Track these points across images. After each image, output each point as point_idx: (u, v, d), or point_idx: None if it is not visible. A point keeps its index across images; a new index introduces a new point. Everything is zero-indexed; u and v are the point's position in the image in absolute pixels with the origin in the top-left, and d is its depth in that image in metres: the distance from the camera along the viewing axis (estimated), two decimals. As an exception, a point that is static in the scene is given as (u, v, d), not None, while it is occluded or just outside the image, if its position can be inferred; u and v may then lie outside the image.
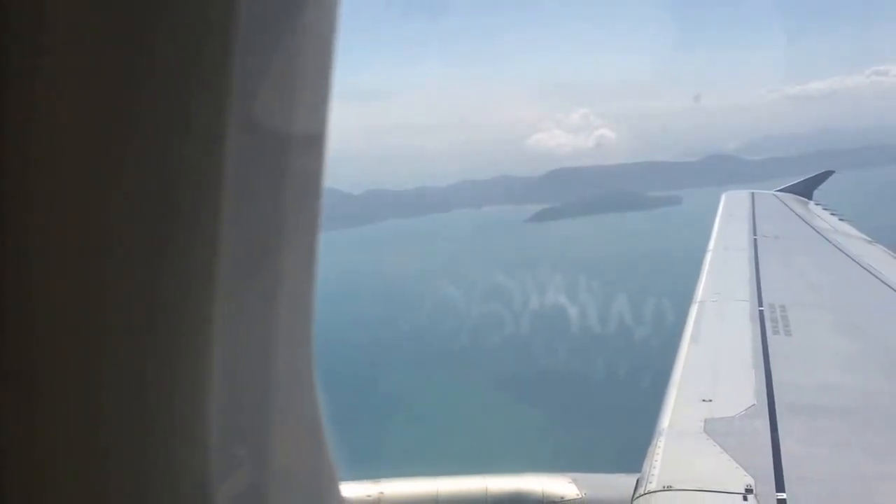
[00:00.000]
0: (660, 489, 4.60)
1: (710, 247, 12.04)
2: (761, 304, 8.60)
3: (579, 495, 6.02)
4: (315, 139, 1.00)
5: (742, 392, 6.09)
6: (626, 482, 5.28)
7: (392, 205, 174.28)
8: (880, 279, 9.94)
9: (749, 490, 4.50)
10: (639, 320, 51.44)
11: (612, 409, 39.91)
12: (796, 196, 17.53)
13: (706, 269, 10.71)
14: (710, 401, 5.92)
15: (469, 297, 67.18)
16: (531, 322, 61.59)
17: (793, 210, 15.90)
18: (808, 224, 14.43)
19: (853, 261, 11.11)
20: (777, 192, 18.14)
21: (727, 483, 4.62)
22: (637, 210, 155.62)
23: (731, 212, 15.14)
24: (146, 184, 0.79)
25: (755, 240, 12.27)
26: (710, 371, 6.77)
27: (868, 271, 10.40)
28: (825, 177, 18.96)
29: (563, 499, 6.01)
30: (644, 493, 4.63)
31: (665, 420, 5.67)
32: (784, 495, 4.49)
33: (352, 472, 6.17)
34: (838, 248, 12.16)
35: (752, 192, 17.47)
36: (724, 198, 16.80)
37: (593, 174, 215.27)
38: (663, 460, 4.96)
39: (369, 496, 5.76)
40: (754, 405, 5.83)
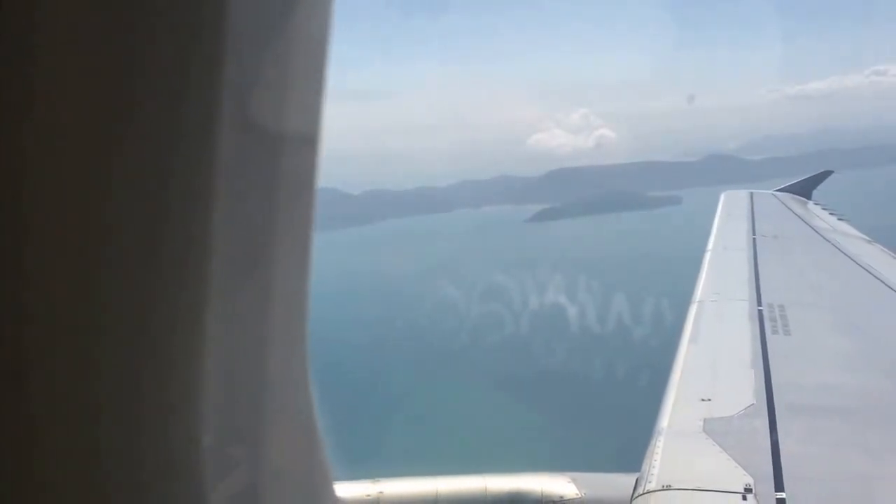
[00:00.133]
0: (659, 489, 4.60)
1: (710, 246, 12.03)
2: (760, 303, 8.60)
3: (578, 495, 6.02)
4: (309, 138, 1.00)
5: (741, 392, 6.09)
6: (625, 482, 5.27)
7: (392, 205, 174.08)
8: (879, 279, 9.94)
9: (748, 489, 4.50)
10: (639, 320, 51.41)
11: (611, 409, 39.91)
12: (795, 196, 17.52)
13: (705, 268, 10.71)
14: (710, 400, 5.92)
15: (470, 298, 67.08)
16: (532, 322, 61.52)
17: (792, 210, 15.88)
18: (807, 224, 14.41)
19: (852, 260, 11.10)
20: (776, 192, 18.11)
21: (726, 482, 4.62)
22: (637, 210, 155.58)
23: (730, 211, 15.13)
24: (138, 183, 0.79)
25: (754, 239, 12.26)
26: (709, 371, 6.77)
27: (867, 271, 10.40)
28: (824, 177, 18.94)
29: (562, 498, 6.01)
30: (643, 493, 4.63)
31: (664, 420, 5.66)
32: (783, 495, 4.49)
33: (351, 472, 6.17)
34: (837, 247, 12.16)
35: (751, 192, 17.44)
36: (723, 197, 16.77)
37: (593, 174, 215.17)
38: (662, 460, 4.95)
39: (368, 496, 5.76)
40: (753, 405, 5.83)
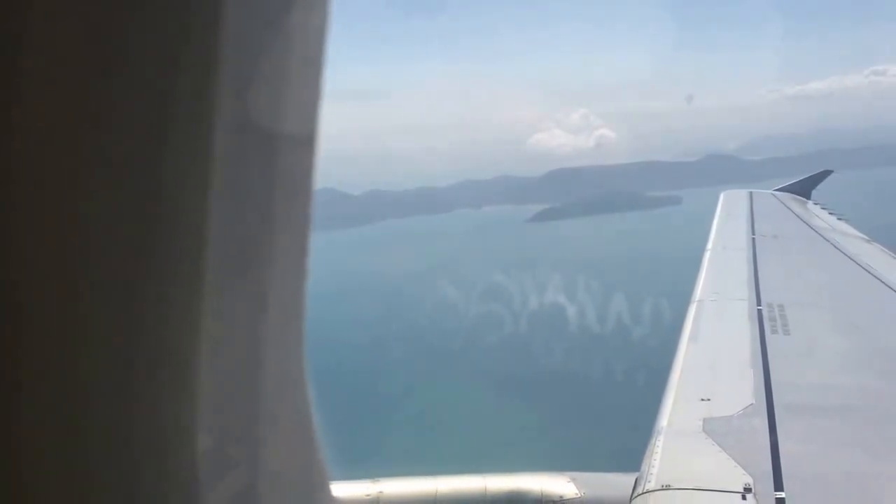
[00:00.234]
0: (658, 488, 4.59)
1: (709, 246, 12.03)
2: (760, 303, 8.59)
3: (578, 494, 6.02)
4: (306, 137, 0.99)
5: (741, 391, 6.08)
6: (624, 481, 5.27)
7: (392, 205, 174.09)
8: (879, 278, 9.93)
9: (748, 489, 4.49)
10: (639, 320, 51.43)
11: (611, 408, 39.94)
12: (795, 195, 17.50)
13: (705, 268, 10.69)
14: (709, 400, 5.91)
15: (472, 298, 67.12)
16: (534, 322, 61.60)
17: (791, 209, 15.85)
18: (807, 223, 14.39)
19: (851, 260, 11.09)
20: (775, 192, 18.08)
21: (726, 482, 4.61)
22: (637, 210, 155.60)
23: (729, 211, 15.11)
24: (129, 182, 0.79)
25: (754, 239, 12.24)
26: (708, 370, 6.76)
27: (866, 270, 10.38)
28: (823, 176, 18.91)
29: (561, 498, 6.01)
30: (643, 493, 4.62)
31: (664, 419, 5.66)
32: (783, 494, 4.48)
33: (351, 472, 6.17)
34: (836, 247, 12.14)
35: (751, 192, 17.41)
36: (722, 197, 16.75)
37: (593, 174, 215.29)
38: (662, 459, 4.95)
39: (368, 495, 5.75)
40: (753, 404, 5.82)
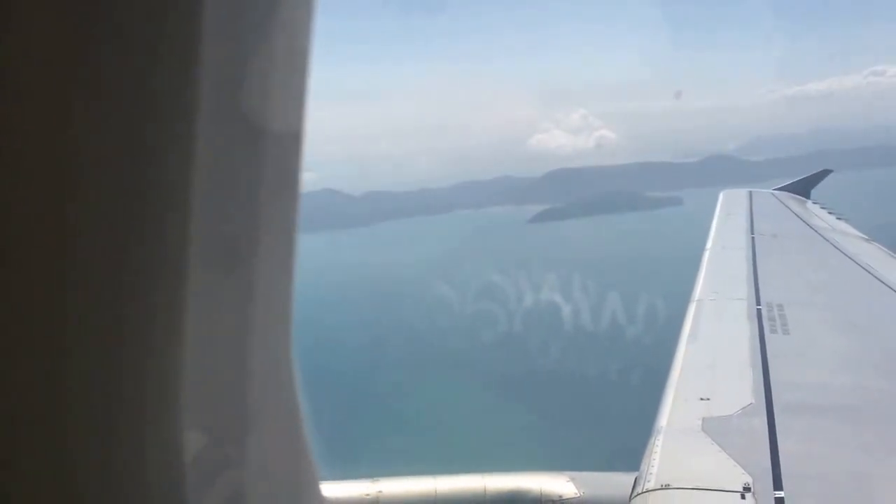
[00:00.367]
0: (658, 488, 4.59)
1: (708, 245, 12.02)
2: (759, 302, 8.58)
3: (577, 494, 6.02)
4: (292, 134, 0.99)
5: (740, 390, 6.07)
6: (624, 481, 5.27)
7: (392, 206, 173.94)
8: (878, 278, 9.92)
9: (747, 488, 4.49)
10: (639, 320, 51.41)
11: (611, 408, 39.97)
12: (794, 195, 17.49)
13: (704, 267, 10.69)
14: (708, 399, 5.90)
15: (473, 299, 67.10)
16: (535, 322, 61.64)
17: (790, 209, 15.84)
18: (806, 223, 14.38)
19: (851, 259, 11.08)
20: (775, 191, 18.06)
21: (725, 482, 4.60)
22: (638, 211, 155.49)
23: (729, 210, 15.10)
24: (113, 179, 0.79)
25: (753, 238, 12.24)
26: (708, 369, 6.75)
27: (866, 270, 10.37)
28: (822, 176, 18.88)
29: (561, 497, 6.01)
30: (642, 492, 4.62)
31: (663, 418, 5.65)
32: (782, 493, 4.47)
33: (351, 471, 6.17)
34: (836, 246, 12.12)
35: (750, 191, 17.39)
36: (721, 196, 16.75)
37: (594, 175, 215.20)
38: (661, 459, 4.95)
39: (367, 495, 5.76)
40: (752, 404, 5.81)
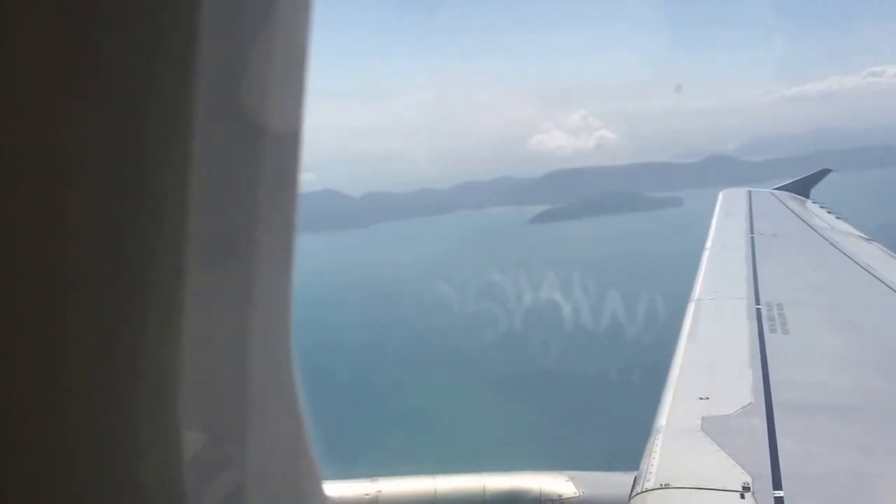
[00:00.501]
0: (657, 487, 4.59)
1: (708, 245, 12.03)
2: (759, 302, 8.58)
3: (577, 493, 6.02)
4: (290, 133, 0.99)
5: (739, 390, 6.07)
6: (623, 480, 5.27)
7: (392, 207, 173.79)
8: (878, 277, 9.92)
9: (746, 488, 4.48)
10: (639, 320, 51.45)
11: (611, 407, 40.01)
12: (793, 194, 17.48)
13: (703, 267, 10.69)
14: (708, 399, 5.90)
15: (473, 300, 67.13)
16: (536, 323, 61.75)
17: (790, 208, 15.82)
18: (806, 222, 14.37)
19: (850, 259, 11.07)
20: (774, 191, 18.05)
21: (724, 481, 4.60)
22: (639, 211, 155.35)
23: (728, 210, 15.09)
24: (111, 177, 0.78)
25: (752, 238, 12.24)
26: (707, 369, 6.75)
27: (866, 270, 10.37)
28: (822, 175, 18.86)
29: (560, 497, 6.01)
30: (641, 492, 4.62)
31: (662, 418, 5.65)
32: (781, 493, 4.47)
33: (350, 471, 6.17)
34: (835, 246, 12.12)
35: (749, 190, 17.38)
36: (721, 196, 16.74)
37: (594, 175, 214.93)
38: (661, 458, 4.95)
39: (367, 495, 5.75)
40: (751, 403, 5.81)
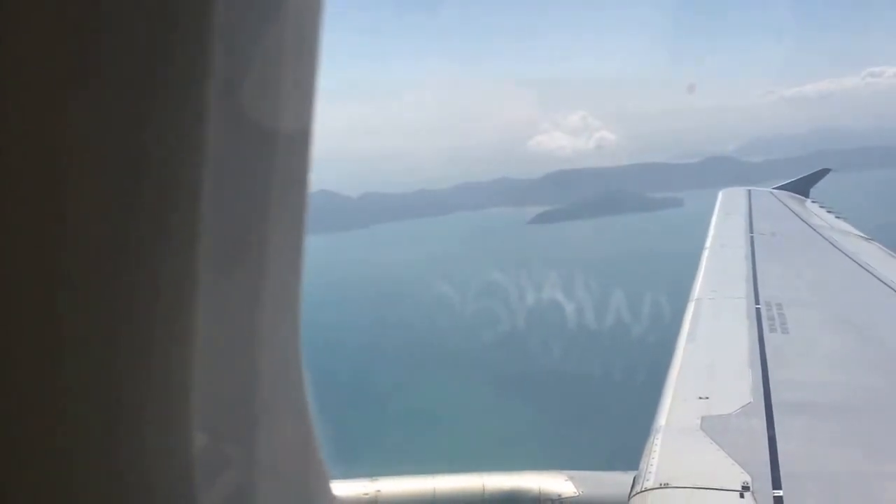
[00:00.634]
0: (657, 487, 4.59)
1: (707, 244, 12.03)
2: (758, 301, 8.58)
3: (576, 493, 6.02)
4: (300, 133, 0.99)
5: (739, 389, 6.07)
6: (623, 480, 5.28)
7: (391, 207, 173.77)
8: (877, 277, 9.92)
9: (746, 487, 4.48)
10: (639, 320, 51.49)
11: (611, 407, 40.04)
12: (793, 194, 17.48)
13: (703, 266, 10.69)
14: (707, 398, 5.90)
15: (473, 300, 67.18)
16: (537, 323, 61.81)
17: (789, 207, 15.82)
18: (805, 221, 14.37)
19: (850, 258, 11.08)
20: (773, 190, 18.04)
21: (724, 480, 4.60)
22: (638, 212, 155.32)
23: (727, 209, 15.09)
24: (122, 177, 0.78)
25: (752, 237, 12.24)
26: (706, 368, 6.76)
27: (865, 269, 10.37)
28: (821, 175, 18.86)
29: (560, 496, 6.01)
30: (641, 491, 4.62)
31: (662, 418, 5.66)
32: (780, 492, 4.47)
33: (351, 470, 6.17)
34: (835, 245, 12.12)
35: (749, 190, 17.37)
36: (720, 195, 16.75)
37: (593, 176, 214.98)
38: (660, 458, 4.95)
39: (366, 494, 5.76)
40: (751, 403, 5.81)
